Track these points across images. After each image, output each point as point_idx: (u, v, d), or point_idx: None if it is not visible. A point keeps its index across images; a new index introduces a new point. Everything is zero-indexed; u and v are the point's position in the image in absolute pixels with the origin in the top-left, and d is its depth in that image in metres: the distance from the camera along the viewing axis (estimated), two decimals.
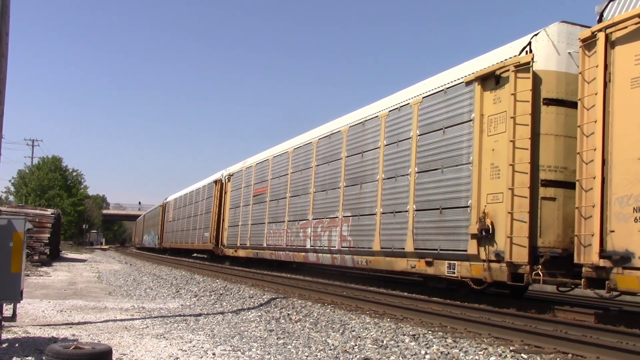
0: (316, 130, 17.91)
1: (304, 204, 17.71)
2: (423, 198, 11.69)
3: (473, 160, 10.34)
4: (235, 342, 6.77)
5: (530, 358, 6.00)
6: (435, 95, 11.73)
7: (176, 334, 7.29)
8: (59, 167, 76.00)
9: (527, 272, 9.03)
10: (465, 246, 10.31)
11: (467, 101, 10.71)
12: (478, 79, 10.40)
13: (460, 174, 10.68)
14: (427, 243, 11.40)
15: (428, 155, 11.69)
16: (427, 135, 11.81)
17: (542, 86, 9.41)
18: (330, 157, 16.21)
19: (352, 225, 14.54)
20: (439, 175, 11.28)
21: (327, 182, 16.25)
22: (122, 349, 6.15)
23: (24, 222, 6.07)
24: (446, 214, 10.95)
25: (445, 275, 10.91)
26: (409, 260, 12.09)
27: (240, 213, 24.25)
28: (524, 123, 9.31)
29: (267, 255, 20.95)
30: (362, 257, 14.03)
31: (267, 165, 21.58)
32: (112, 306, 10.24)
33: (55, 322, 8.01)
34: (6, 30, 7.61)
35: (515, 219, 9.25)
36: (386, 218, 12.97)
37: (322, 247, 16.08)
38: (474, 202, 10.20)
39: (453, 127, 11.05)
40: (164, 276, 18.63)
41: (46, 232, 24.72)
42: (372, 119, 14.14)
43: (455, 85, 11.14)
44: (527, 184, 9.15)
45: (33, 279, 16.05)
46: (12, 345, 6.03)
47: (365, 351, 6.42)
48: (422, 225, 11.64)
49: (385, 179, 13.19)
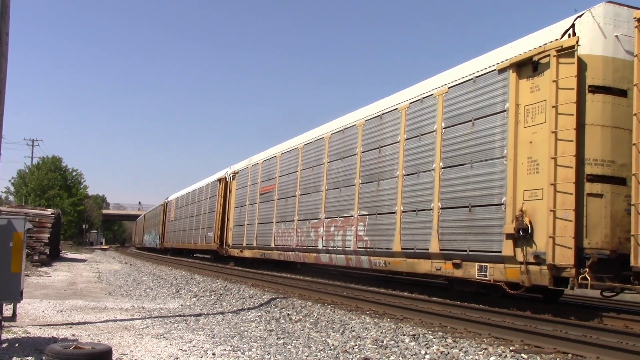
0: (328, 125, 17.10)
1: (315, 202, 16.91)
2: (450, 195, 10.89)
3: (507, 154, 9.55)
4: (235, 342, 6.74)
5: (530, 358, 5.95)
6: (463, 85, 10.94)
7: (176, 334, 7.24)
8: (59, 167, 76.06)
9: (572, 275, 8.23)
10: (499, 247, 9.52)
11: (500, 90, 9.92)
12: (513, 66, 9.60)
13: (493, 169, 9.89)
14: (455, 243, 10.61)
15: (455, 149, 10.89)
16: (454, 128, 11.01)
17: (587, 72, 8.61)
18: (345, 152, 15.41)
19: (368, 225, 13.75)
20: (468, 170, 10.49)
21: (341, 179, 15.44)
22: (122, 349, 6.11)
23: (24, 222, 6.02)
24: (476, 212, 10.16)
25: (475, 278, 10.12)
26: (433, 262, 11.30)
27: (246, 212, 23.45)
28: (568, 112, 8.51)
29: (275, 256, 20.15)
30: (380, 258, 13.23)
31: (275, 162, 20.77)
32: (112, 306, 10.13)
33: (55, 322, 7.94)
34: (6, 30, 7.60)
35: (558, 218, 8.45)
36: (407, 217, 12.18)
37: (335, 248, 15.29)
38: (508, 199, 9.41)
39: (483, 119, 10.25)
40: (164, 276, 18.49)
41: (46, 232, 24.52)
42: (391, 112, 13.34)
43: (485, 74, 10.34)
44: (572, 179, 8.35)
45: (33, 279, 15.89)
46: (12, 345, 6.00)
47: (365, 351, 6.38)
48: (448, 224, 10.85)
49: (406, 175, 12.40)
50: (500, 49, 10.35)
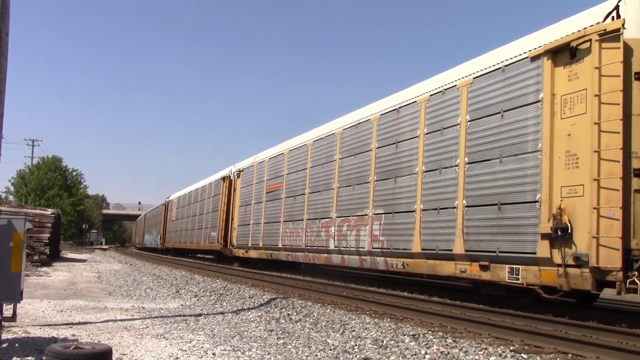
0: (339, 120, 16.40)
1: (326, 201, 16.22)
2: (476, 192, 10.20)
3: (542, 148, 8.86)
4: (235, 342, 6.72)
5: (530, 358, 5.93)
6: (490, 75, 10.25)
7: (176, 334, 7.22)
8: (59, 167, 75.95)
9: (619, 279, 7.53)
10: (534, 248, 8.83)
11: (533, 79, 9.23)
12: (547, 52, 8.91)
13: (525, 163, 9.20)
14: (482, 244, 9.93)
15: (482, 143, 10.20)
16: (480, 120, 10.33)
17: (634, 58, 7.89)
18: (358, 148, 14.72)
19: (385, 224, 13.06)
20: (496, 165, 9.80)
21: (354, 176, 14.75)
22: (122, 349, 6.09)
23: (24, 222, 6.02)
24: (506, 210, 9.47)
25: (505, 281, 9.43)
26: (457, 264, 10.61)
27: (252, 211, 22.75)
28: (614, 102, 7.81)
29: (282, 257, 19.45)
30: (397, 259, 12.54)
31: (282, 159, 20.06)
32: (112, 306, 10.12)
33: (55, 322, 7.92)
34: (6, 30, 7.58)
35: (602, 216, 7.75)
36: (428, 215, 11.49)
37: (348, 248, 14.59)
38: (544, 196, 8.72)
39: (514, 110, 9.56)
40: (164, 276, 18.43)
41: (46, 232, 24.50)
42: (409, 105, 12.64)
43: (516, 62, 9.65)
44: (619, 173, 7.65)
45: (33, 279, 15.85)
46: (12, 345, 5.99)
47: (365, 351, 6.37)
48: (475, 223, 10.16)
49: (426, 171, 11.71)
50: (531, 35, 9.65)
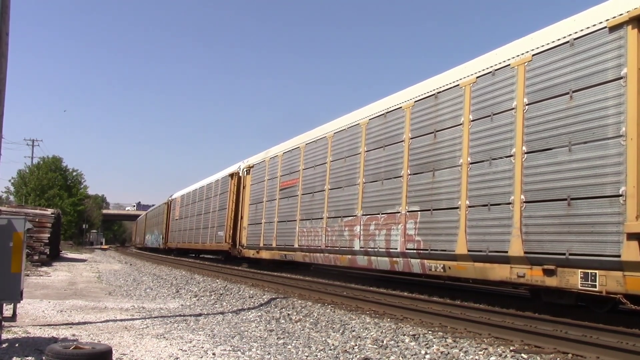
0: (364, 110, 15.06)
1: (349, 197, 14.89)
2: (538, 186, 8.89)
3: (627, 133, 7.54)
4: (235, 342, 6.70)
5: (530, 358, 5.90)
6: (554, 51, 8.93)
7: (176, 334, 7.19)
8: (59, 167, 75.54)
9: None
10: (617, 250, 7.51)
11: (613, 52, 7.91)
12: (633, 20, 7.59)
13: (604, 151, 7.88)
14: (547, 245, 8.61)
15: (544, 129, 8.89)
16: (542, 103, 9.01)
17: None
18: (387, 140, 13.39)
19: (421, 222, 11.74)
20: (565, 154, 8.48)
21: (383, 170, 13.43)
22: (122, 349, 6.04)
23: (24, 222, 5.99)
24: (579, 206, 8.15)
25: (577, 288, 8.10)
26: (513, 268, 9.30)
27: (264, 209, 21.42)
28: None
29: (299, 258, 18.11)
30: (437, 261, 11.22)
31: (298, 153, 18.72)
32: (112, 306, 10.08)
33: (55, 322, 7.88)
34: (6, 30, 7.56)
35: None
36: (476, 212, 10.17)
37: (376, 249, 13.27)
38: (630, 190, 7.41)
39: (587, 90, 8.25)
40: (164, 276, 18.35)
41: (46, 232, 24.22)
42: (450, 90, 11.31)
43: (589, 34, 8.33)
44: None
45: (33, 279, 15.76)
46: (12, 345, 5.98)
47: (365, 351, 6.33)
48: (536, 221, 8.85)
49: (473, 163, 10.40)
50: (608, 2, 8.32)
